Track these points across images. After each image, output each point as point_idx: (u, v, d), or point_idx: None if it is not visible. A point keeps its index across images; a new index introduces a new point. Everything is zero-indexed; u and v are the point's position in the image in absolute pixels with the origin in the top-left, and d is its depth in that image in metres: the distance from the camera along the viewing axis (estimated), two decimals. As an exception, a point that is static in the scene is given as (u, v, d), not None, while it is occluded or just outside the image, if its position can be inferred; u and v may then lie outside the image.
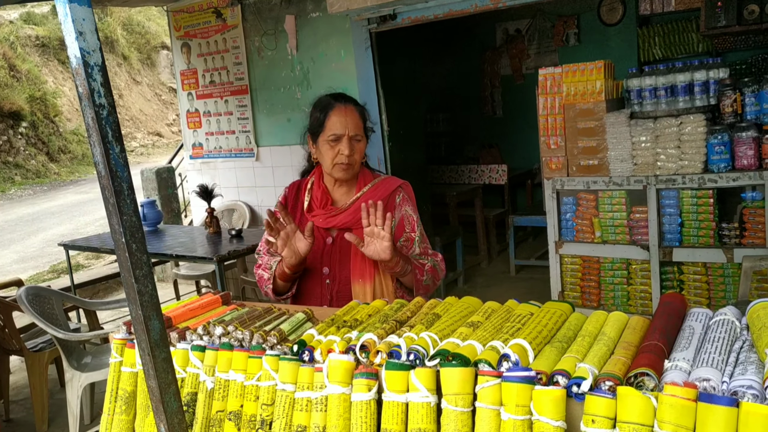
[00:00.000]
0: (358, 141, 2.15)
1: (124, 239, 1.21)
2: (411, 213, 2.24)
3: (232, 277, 5.95)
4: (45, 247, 9.66)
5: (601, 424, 1.03)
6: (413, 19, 4.58)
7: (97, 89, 1.16)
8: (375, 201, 2.14)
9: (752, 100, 3.61)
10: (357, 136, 2.14)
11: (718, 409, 0.95)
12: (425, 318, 1.44)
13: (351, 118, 2.13)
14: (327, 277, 2.18)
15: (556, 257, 4.26)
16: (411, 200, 2.29)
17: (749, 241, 3.61)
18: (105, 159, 1.18)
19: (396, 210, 2.22)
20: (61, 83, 18.02)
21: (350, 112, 2.14)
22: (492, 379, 1.13)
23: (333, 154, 2.13)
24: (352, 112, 2.15)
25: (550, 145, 4.12)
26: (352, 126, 2.12)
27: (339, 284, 2.16)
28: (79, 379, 3.42)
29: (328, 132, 2.13)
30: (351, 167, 2.15)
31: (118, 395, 1.59)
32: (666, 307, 1.32)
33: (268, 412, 1.36)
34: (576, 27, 7.50)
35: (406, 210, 2.24)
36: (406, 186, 2.33)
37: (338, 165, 2.14)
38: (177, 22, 6.01)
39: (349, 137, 2.11)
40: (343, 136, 2.11)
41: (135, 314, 1.25)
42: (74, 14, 1.13)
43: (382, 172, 2.38)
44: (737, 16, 3.81)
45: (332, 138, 2.12)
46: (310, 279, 2.21)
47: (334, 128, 2.12)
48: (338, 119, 2.12)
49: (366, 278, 2.12)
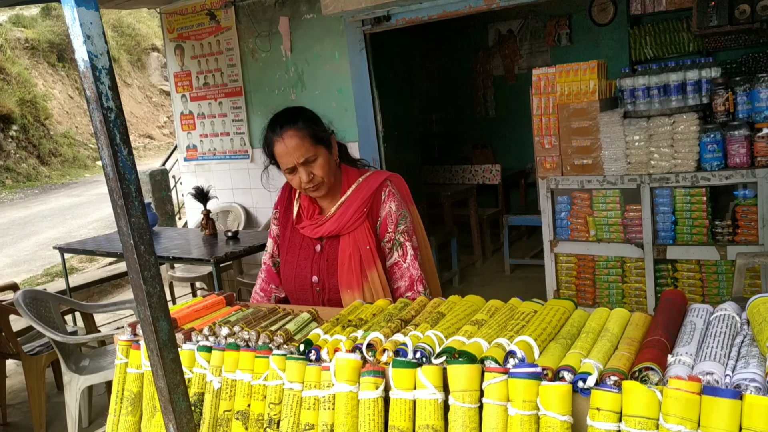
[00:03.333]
0: (313, 160, 2.04)
1: (132, 241, 1.22)
2: (394, 210, 2.14)
3: (228, 279, 5.95)
4: (38, 250, 9.62)
5: (607, 417, 1.05)
6: (407, 21, 4.59)
7: (105, 92, 1.17)
8: (360, 202, 2.11)
9: (744, 99, 3.65)
10: (310, 158, 2.03)
11: (722, 402, 0.98)
12: (430, 317, 1.45)
13: (292, 146, 2.01)
14: (317, 285, 2.15)
15: (551, 256, 4.29)
16: (399, 194, 2.19)
17: (742, 239, 3.65)
18: (113, 161, 1.19)
19: (381, 208, 2.15)
20: (51, 86, 17.93)
21: (289, 139, 2.02)
22: (499, 375, 1.15)
23: (297, 182, 2.08)
24: (291, 137, 2.02)
25: (544, 145, 4.15)
26: (297, 154, 2.01)
27: (329, 293, 2.13)
28: (78, 382, 3.42)
29: (282, 166, 2.08)
30: (320, 185, 2.08)
31: (124, 396, 1.60)
32: (667, 304, 1.34)
33: (276, 411, 1.37)
34: (568, 27, 7.54)
35: (390, 207, 2.15)
36: (395, 178, 2.24)
37: (305, 190, 2.11)
38: (170, 24, 6.00)
39: (299, 165, 2.03)
40: (295, 166, 2.04)
41: (143, 315, 1.26)
42: (82, 18, 1.14)
43: (370, 166, 2.31)
44: (729, 15, 3.85)
45: (287, 171, 2.07)
46: (301, 287, 2.18)
47: (283, 163, 2.06)
48: (282, 152, 2.04)
49: (354, 287, 2.08)
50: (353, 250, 2.09)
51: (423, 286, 2.12)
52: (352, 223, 2.11)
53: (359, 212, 2.11)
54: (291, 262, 2.20)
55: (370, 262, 2.09)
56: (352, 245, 2.10)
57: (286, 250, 2.23)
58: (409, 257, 2.13)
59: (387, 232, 2.14)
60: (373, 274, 2.08)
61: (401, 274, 2.13)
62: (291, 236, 2.23)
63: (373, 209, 2.14)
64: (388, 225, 2.14)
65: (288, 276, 2.21)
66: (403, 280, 2.13)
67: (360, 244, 2.10)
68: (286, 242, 2.24)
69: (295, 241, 2.21)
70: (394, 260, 2.14)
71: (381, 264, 2.12)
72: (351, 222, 2.11)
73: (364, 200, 2.12)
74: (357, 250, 2.09)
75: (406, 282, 2.12)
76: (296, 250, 2.20)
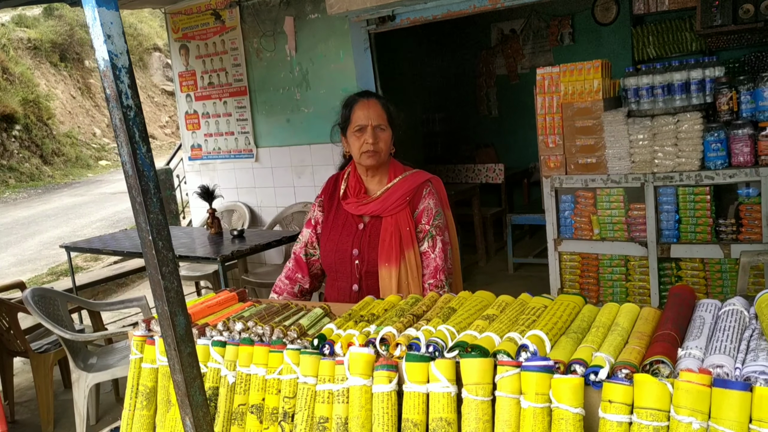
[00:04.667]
0: (382, 130, 2.31)
1: (150, 237, 1.24)
2: (432, 206, 2.35)
3: (233, 278, 5.97)
4: (42, 249, 9.65)
5: (618, 410, 1.07)
6: (412, 20, 4.61)
7: (124, 91, 1.19)
8: (403, 192, 2.31)
9: (748, 98, 3.66)
10: (381, 126, 2.30)
11: (733, 394, 1.00)
12: (441, 312, 1.47)
13: (373, 110, 2.31)
14: (356, 258, 2.33)
15: (555, 254, 4.30)
16: (438, 195, 2.40)
17: (746, 237, 3.67)
18: (132, 159, 1.21)
19: (421, 202, 2.35)
20: (53, 86, 17.97)
21: (372, 105, 2.32)
22: (511, 368, 1.17)
23: (359, 143, 2.30)
24: (375, 104, 2.32)
25: (548, 144, 4.16)
26: (374, 116, 2.29)
27: (367, 265, 2.31)
28: (86, 379, 3.45)
29: (354, 124, 2.32)
30: (377, 154, 2.30)
31: (139, 391, 1.62)
32: (676, 299, 1.36)
33: (290, 405, 1.40)
34: (570, 27, 7.56)
35: (428, 203, 2.35)
36: (435, 181, 2.45)
37: (365, 153, 2.29)
38: (175, 24, 6.03)
39: (372, 127, 2.28)
40: (367, 126, 2.28)
41: (161, 310, 1.29)
42: (103, 18, 1.16)
43: (413, 167, 2.49)
44: (733, 15, 3.86)
45: (357, 129, 2.30)
46: (341, 260, 2.36)
47: (358, 120, 2.30)
48: (361, 112, 2.31)
49: (392, 263, 2.26)
50: (394, 230, 2.29)
51: (445, 275, 2.31)
52: (395, 207, 2.31)
53: (402, 199, 2.32)
54: (333, 238, 2.39)
55: (409, 242, 2.29)
56: (393, 225, 2.30)
57: (330, 229, 2.42)
58: (437, 249, 2.32)
59: (421, 224, 2.34)
60: (410, 253, 2.28)
61: (428, 263, 2.32)
62: (335, 217, 2.42)
63: (413, 201, 2.35)
64: (423, 217, 2.34)
65: (328, 251, 2.39)
66: (429, 268, 2.31)
67: (401, 225, 2.30)
68: (329, 223, 2.43)
69: (339, 220, 2.41)
70: (424, 249, 2.32)
71: (418, 247, 2.32)
72: (394, 206, 2.31)
73: (407, 191, 2.33)
74: (398, 230, 2.29)
75: (431, 270, 2.31)
76: (339, 228, 2.40)
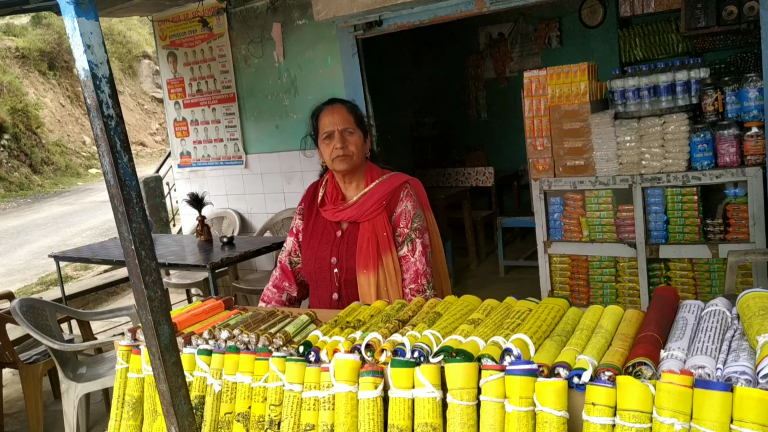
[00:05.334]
0: (351, 134, 2.30)
1: (133, 246, 1.24)
2: (410, 209, 2.32)
3: (223, 285, 5.95)
4: (32, 259, 9.60)
5: (602, 412, 1.08)
6: (399, 25, 4.63)
7: (105, 101, 1.19)
8: (380, 195, 2.29)
9: (733, 99, 3.69)
10: (348, 129, 2.30)
11: (714, 395, 1.00)
12: (427, 317, 1.48)
13: (338, 115, 2.31)
14: (335, 266, 2.32)
15: (545, 257, 4.32)
16: (416, 197, 2.38)
17: (733, 237, 3.69)
18: (114, 168, 1.21)
19: (398, 205, 2.33)
20: (42, 94, 17.89)
21: (337, 110, 2.32)
22: (496, 372, 1.17)
23: (329, 150, 2.29)
24: (340, 109, 2.33)
25: (536, 147, 4.18)
26: (340, 121, 2.29)
27: (346, 273, 2.29)
28: (75, 389, 3.43)
29: (322, 132, 2.32)
30: (348, 158, 2.29)
31: (125, 401, 1.61)
32: (659, 300, 1.37)
33: (277, 413, 1.39)
34: (558, 30, 7.60)
35: (406, 205, 2.33)
36: (414, 182, 2.44)
37: (336, 158, 2.28)
38: (163, 31, 6.02)
39: (339, 131, 2.28)
40: (334, 132, 2.28)
41: (145, 320, 1.28)
42: (82, 28, 1.16)
43: (392, 170, 2.47)
44: (717, 16, 3.90)
45: (325, 136, 2.31)
46: (320, 268, 2.34)
47: (325, 127, 2.31)
48: (327, 119, 2.31)
49: (370, 269, 2.24)
50: (371, 235, 2.27)
51: (427, 279, 2.28)
52: (372, 212, 2.29)
53: (378, 204, 2.30)
54: (312, 246, 2.38)
55: (386, 247, 2.26)
56: (371, 231, 2.28)
57: (309, 237, 2.40)
58: (417, 252, 2.29)
59: (399, 227, 2.31)
60: (387, 258, 2.25)
61: (408, 267, 2.29)
62: (314, 224, 2.41)
63: (390, 204, 2.33)
64: (401, 220, 2.32)
65: (308, 259, 2.38)
66: (409, 272, 2.28)
67: (378, 231, 2.28)
68: (309, 230, 2.42)
69: (318, 227, 2.39)
70: (403, 254, 2.30)
71: (396, 251, 2.29)
72: (371, 211, 2.29)
73: (384, 194, 2.31)
74: (375, 235, 2.27)
75: (411, 275, 2.28)
76: (318, 236, 2.37)
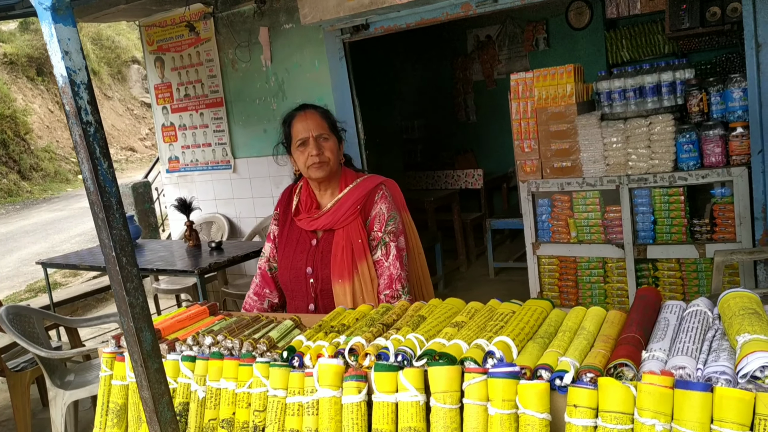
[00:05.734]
0: (325, 139, 2.25)
1: (114, 253, 1.23)
2: (384, 211, 2.27)
3: (213, 290, 5.93)
4: (20, 266, 9.53)
5: (584, 414, 1.08)
6: (386, 29, 4.63)
7: (84, 107, 1.18)
8: (354, 200, 2.24)
9: (718, 99, 3.71)
10: (322, 135, 2.25)
11: (694, 395, 1.01)
12: (411, 320, 1.47)
13: (312, 121, 2.25)
14: (311, 276, 2.26)
15: (533, 258, 4.33)
16: (391, 198, 2.32)
17: (720, 236, 3.71)
18: (93, 175, 1.20)
19: (373, 208, 2.28)
20: (30, 100, 17.79)
21: (310, 116, 2.26)
22: (478, 375, 1.17)
23: (304, 158, 2.24)
24: (312, 115, 2.27)
25: (524, 149, 4.19)
26: (313, 127, 2.24)
27: (322, 283, 2.24)
28: (63, 397, 3.40)
29: (295, 139, 2.26)
30: (325, 165, 2.23)
31: (110, 408, 1.60)
32: (642, 301, 1.37)
33: (261, 418, 1.39)
34: (545, 32, 7.62)
35: (380, 208, 2.27)
36: (389, 183, 2.39)
37: (312, 166, 2.23)
38: (149, 36, 6.00)
39: (313, 138, 2.23)
40: (308, 138, 2.23)
41: (127, 326, 1.28)
42: (60, 34, 1.16)
43: (366, 173, 2.43)
44: (700, 17, 3.92)
45: (299, 143, 2.25)
46: (296, 279, 2.29)
47: (298, 134, 2.25)
48: (300, 125, 2.25)
49: (345, 278, 2.19)
50: (346, 243, 2.21)
51: (402, 284, 2.21)
52: (346, 218, 2.23)
53: (353, 209, 2.23)
54: (287, 256, 2.32)
55: (361, 254, 2.20)
56: (345, 238, 2.22)
57: (284, 245, 2.35)
58: (391, 256, 2.23)
59: (373, 231, 2.25)
60: (363, 266, 2.20)
61: (381, 272, 2.23)
62: (289, 232, 2.35)
63: (365, 208, 2.27)
64: (375, 224, 2.26)
65: (284, 268, 2.32)
66: (383, 277, 2.22)
67: (353, 237, 2.22)
68: (284, 238, 2.36)
69: (293, 236, 2.34)
70: (377, 258, 2.24)
71: (372, 258, 2.24)
72: (345, 217, 2.23)
73: (358, 199, 2.25)
74: (350, 242, 2.21)
75: (385, 280, 2.22)
76: (293, 245, 2.32)
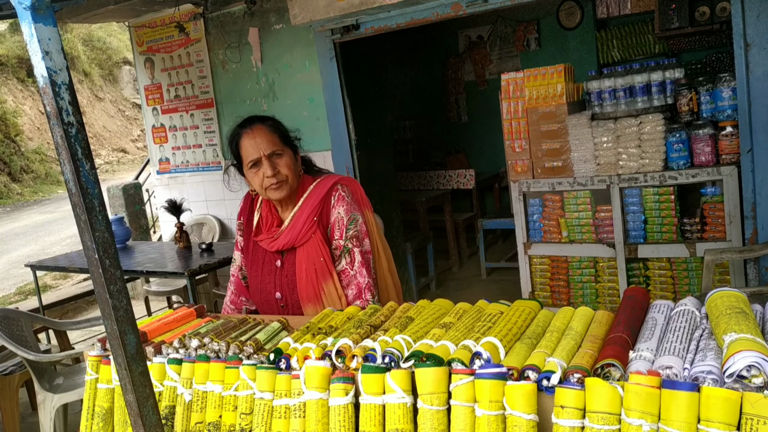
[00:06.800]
0: (279, 156, 2.04)
1: (97, 255, 1.22)
2: (343, 215, 2.08)
3: (204, 291, 5.91)
4: (10, 269, 9.47)
5: (571, 414, 1.07)
6: (376, 29, 4.62)
7: (65, 107, 1.17)
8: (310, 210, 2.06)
9: (707, 99, 3.72)
10: (275, 152, 2.04)
11: (681, 395, 1.00)
12: (399, 321, 1.46)
13: (260, 137, 2.03)
14: (281, 301, 2.12)
15: (525, 258, 4.32)
16: (351, 197, 2.13)
17: (710, 235, 3.72)
18: (75, 176, 1.19)
19: (331, 213, 2.10)
20: (21, 102, 17.70)
21: (258, 132, 2.04)
22: (465, 377, 1.16)
23: (259, 179, 2.04)
24: (260, 130, 2.04)
25: (515, 149, 4.19)
26: (264, 144, 2.02)
27: (292, 309, 2.09)
28: (52, 400, 3.38)
29: (246, 160, 2.06)
30: (283, 184, 2.04)
31: (95, 412, 1.59)
32: (629, 301, 1.37)
33: (247, 421, 1.38)
34: (536, 32, 7.63)
35: (338, 212, 2.09)
36: (347, 182, 2.18)
37: (269, 188, 2.04)
38: (139, 37, 5.97)
39: (265, 157, 2.02)
40: (260, 159, 2.02)
41: (110, 329, 1.26)
42: (40, 34, 1.14)
43: (325, 172, 2.24)
44: (690, 17, 3.93)
45: (251, 164, 2.05)
46: (267, 303, 2.15)
47: (248, 155, 2.04)
48: (249, 144, 2.03)
49: (314, 301, 2.04)
50: (308, 264, 2.05)
51: (371, 293, 2.06)
52: (305, 233, 2.05)
53: (309, 221, 2.05)
54: (256, 276, 2.17)
55: (326, 274, 2.04)
56: (306, 259, 2.05)
57: (251, 264, 2.19)
58: (356, 264, 2.07)
59: (335, 239, 2.09)
60: (329, 286, 2.04)
61: (348, 281, 2.07)
62: (254, 249, 2.19)
63: (323, 215, 2.09)
64: (335, 231, 2.09)
65: (254, 290, 2.19)
66: (351, 288, 2.07)
67: (314, 257, 2.05)
68: (250, 254, 2.20)
69: (258, 254, 2.17)
70: (342, 267, 2.08)
71: (336, 269, 2.08)
72: (303, 232, 2.05)
73: (313, 207, 2.07)
74: (312, 263, 2.04)
75: (353, 290, 2.06)
76: (259, 264, 2.16)
